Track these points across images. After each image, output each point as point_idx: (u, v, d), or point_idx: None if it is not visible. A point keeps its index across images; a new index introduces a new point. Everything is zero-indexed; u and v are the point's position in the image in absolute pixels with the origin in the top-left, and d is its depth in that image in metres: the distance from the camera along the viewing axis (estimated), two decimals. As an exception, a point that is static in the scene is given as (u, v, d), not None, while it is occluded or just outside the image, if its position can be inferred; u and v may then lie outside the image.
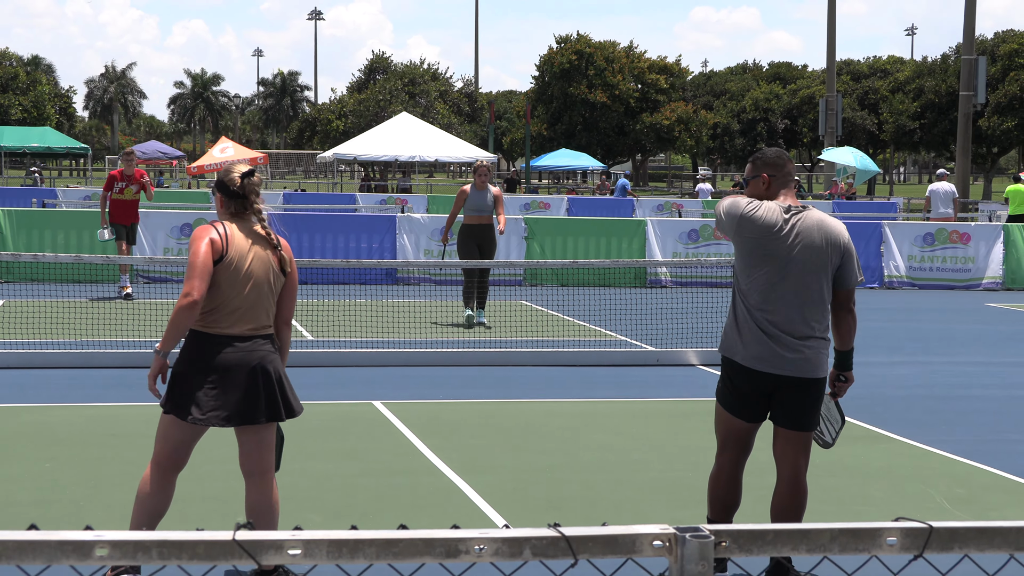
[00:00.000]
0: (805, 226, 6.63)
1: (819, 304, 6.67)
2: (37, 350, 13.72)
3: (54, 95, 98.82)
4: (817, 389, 6.70)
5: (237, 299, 6.28)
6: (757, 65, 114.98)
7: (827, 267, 6.65)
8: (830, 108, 59.74)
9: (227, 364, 6.21)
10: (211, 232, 6.34)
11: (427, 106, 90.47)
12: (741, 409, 6.74)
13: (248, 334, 6.30)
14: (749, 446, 6.88)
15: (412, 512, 7.98)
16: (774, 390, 6.66)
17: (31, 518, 7.48)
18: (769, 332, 6.59)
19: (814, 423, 6.76)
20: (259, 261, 6.39)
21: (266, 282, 6.39)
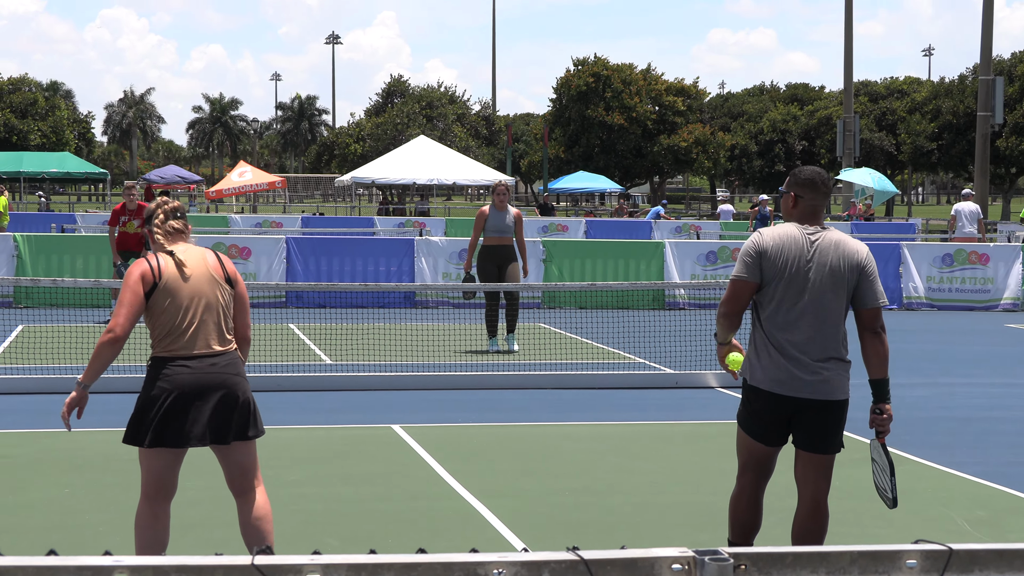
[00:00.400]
0: (822, 247, 6.61)
1: (837, 326, 6.65)
2: (55, 375, 13.75)
3: (73, 120, 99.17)
4: (838, 411, 6.66)
5: (184, 321, 6.40)
6: (774, 86, 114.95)
7: (844, 287, 6.60)
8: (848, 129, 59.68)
9: (188, 385, 6.32)
10: (142, 265, 6.47)
11: (445, 129, 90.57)
12: (762, 433, 6.73)
13: (204, 354, 6.40)
14: (770, 469, 6.87)
15: (431, 536, 7.96)
16: (794, 413, 6.64)
17: (49, 544, 7.48)
18: (787, 354, 6.57)
19: (835, 446, 6.72)
20: (200, 280, 6.48)
21: (213, 299, 6.49)
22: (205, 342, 6.43)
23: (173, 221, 6.63)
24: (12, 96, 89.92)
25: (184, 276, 6.46)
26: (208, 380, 6.36)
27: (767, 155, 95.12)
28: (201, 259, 6.56)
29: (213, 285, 6.52)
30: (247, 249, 22.97)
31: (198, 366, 6.38)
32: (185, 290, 6.43)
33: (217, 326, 6.49)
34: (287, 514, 8.35)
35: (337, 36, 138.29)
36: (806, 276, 6.55)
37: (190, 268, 6.49)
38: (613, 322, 19.41)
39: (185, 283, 6.44)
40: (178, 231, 6.63)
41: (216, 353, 6.45)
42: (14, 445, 10.67)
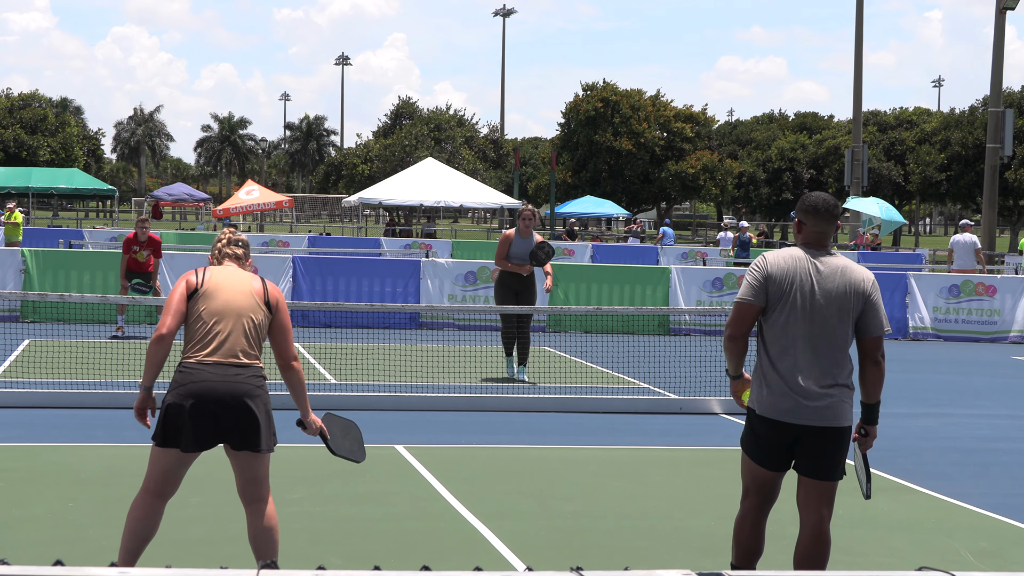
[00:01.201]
0: (827, 273, 6.65)
1: (841, 351, 6.68)
2: (61, 390, 13.77)
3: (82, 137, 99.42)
4: (840, 438, 6.68)
5: (213, 329, 6.68)
6: (783, 115, 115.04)
7: (849, 313, 6.63)
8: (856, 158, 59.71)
9: (202, 390, 6.55)
10: (190, 274, 6.88)
11: (452, 152, 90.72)
12: (764, 458, 6.76)
13: (227, 362, 6.63)
14: (774, 494, 6.88)
15: (434, 557, 7.96)
16: (797, 439, 6.66)
17: (54, 558, 7.48)
18: (790, 380, 6.61)
19: (838, 473, 6.74)
20: (237, 294, 6.81)
21: (246, 315, 6.76)
22: (229, 352, 6.67)
23: (234, 247, 7.13)
24: (22, 112, 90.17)
25: (223, 288, 6.80)
26: (226, 388, 6.57)
27: (775, 183, 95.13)
28: (246, 280, 6.92)
29: (249, 304, 6.81)
30: (253, 268, 22.97)
31: (219, 373, 6.60)
32: (220, 300, 6.75)
33: (244, 340, 6.73)
34: (291, 532, 8.35)
35: (347, 57, 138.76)
36: (810, 301, 6.59)
37: (231, 283, 6.84)
38: (618, 347, 19.42)
39: (222, 295, 6.77)
40: (235, 256, 7.10)
41: (239, 364, 6.67)
42: (19, 459, 10.68)
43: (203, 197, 76.45)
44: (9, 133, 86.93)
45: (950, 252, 29.92)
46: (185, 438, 6.57)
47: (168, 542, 7.98)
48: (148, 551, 7.17)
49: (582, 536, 8.73)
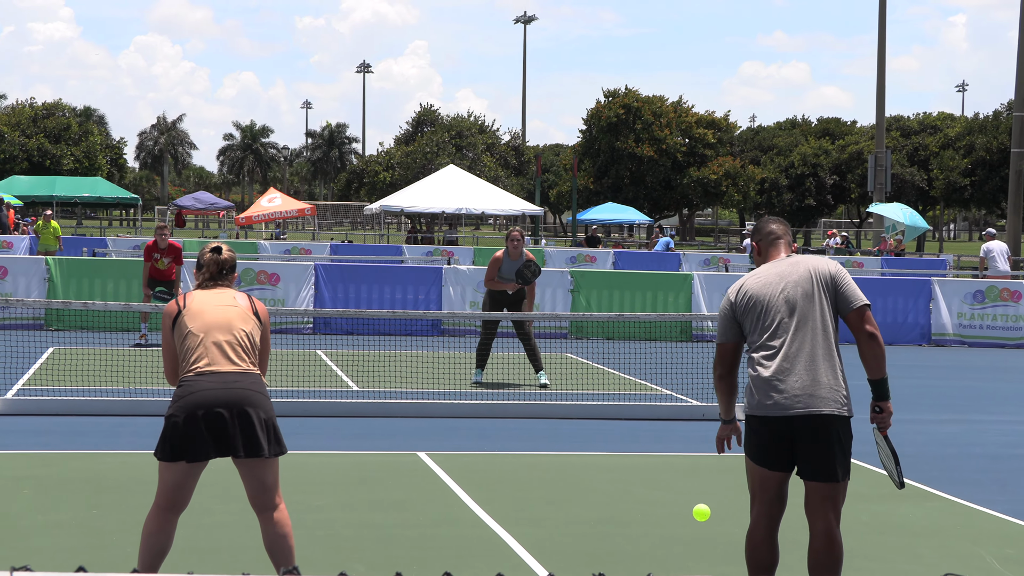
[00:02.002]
0: (787, 268, 6.84)
1: (820, 337, 6.72)
2: (85, 397, 13.82)
3: (105, 146, 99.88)
4: (831, 430, 6.63)
5: (204, 340, 6.75)
6: (806, 120, 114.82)
7: (822, 295, 6.76)
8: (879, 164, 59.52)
9: (201, 400, 6.59)
10: (169, 305, 7.00)
11: (474, 159, 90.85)
12: (763, 457, 6.78)
13: (223, 371, 6.67)
14: (780, 500, 6.85)
15: (456, 563, 7.96)
16: (791, 437, 6.66)
17: (77, 564, 7.50)
18: (775, 376, 6.67)
19: (838, 473, 6.69)
20: (220, 309, 6.89)
21: (236, 325, 6.84)
22: (225, 361, 6.71)
23: (222, 268, 7.13)
24: (46, 121, 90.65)
25: (208, 304, 6.87)
26: (224, 396, 6.59)
27: (797, 189, 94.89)
28: (229, 295, 7.00)
29: (236, 314, 6.89)
30: (276, 275, 23.05)
31: (217, 382, 6.63)
32: (207, 315, 6.82)
33: (238, 348, 6.78)
34: (313, 539, 8.36)
35: (368, 65, 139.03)
36: (780, 297, 6.75)
37: (215, 299, 6.92)
38: (640, 353, 19.39)
39: (208, 310, 6.84)
40: (218, 277, 7.12)
41: (236, 372, 6.68)
42: (44, 466, 10.71)
43: (226, 205, 76.64)
44: (33, 142, 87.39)
45: (982, 260, 29.79)
46: (189, 449, 6.57)
47: (191, 549, 8.00)
48: (171, 558, 7.19)
49: (604, 543, 8.71)
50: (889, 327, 24.11)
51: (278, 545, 6.75)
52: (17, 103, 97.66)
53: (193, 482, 6.72)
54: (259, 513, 6.80)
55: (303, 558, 7.77)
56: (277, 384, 15.22)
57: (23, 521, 8.77)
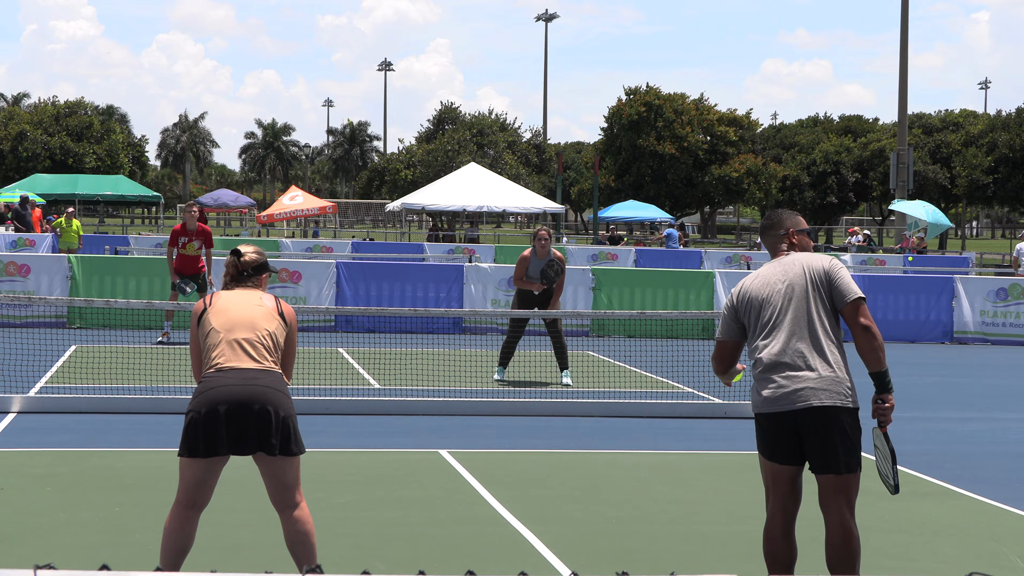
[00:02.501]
0: (785, 266, 6.94)
1: (818, 332, 6.78)
2: (107, 395, 13.86)
3: (127, 144, 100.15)
4: (834, 422, 6.65)
5: (225, 337, 6.76)
6: (828, 118, 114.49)
7: (817, 292, 6.83)
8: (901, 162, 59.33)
9: (221, 396, 6.58)
10: (198, 303, 7.03)
11: (495, 157, 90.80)
12: (772, 452, 6.84)
13: (243, 368, 6.67)
14: (794, 495, 6.90)
15: (478, 562, 7.95)
16: (797, 428, 6.71)
17: (101, 562, 7.52)
18: (774, 371, 6.74)
19: (845, 464, 6.68)
20: (245, 307, 6.90)
21: (259, 323, 6.84)
22: (246, 358, 6.71)
23: (249, 269, 7.15)
24: (68, 119, 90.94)
25: (233, 303, 6.90)
26: (244, 393, 6.58)
27: (819, 186, 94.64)
28: (256, 295, 7.02)
29: (260, 313, 6.89)
30: (297, 273, 23.08)
31: (237, 378, 6.63)
32: (231, 312, 6.84)
33: (260, 346, 6.78)
34: (335, 537, 8.36)
35: (389, 63, 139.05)
36: (776, 295, 6.85)
37: (241, 298, 6.94)
38: (662, 351, 19.36)
39: (233, 308, 6.86)
40: (239, 279, 7.15)
41: (255, 370, 6.68)
42: (66, 463, 10.75)
43: (248, 203, 76.81)
44: (56, 140, 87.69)
45: (1015, 260, 29.66)
46: (208, 444, 6.55)
47: (213, 547, 8.02)
48: (194, 556, 7.20)
49: (627, 540, 8.70)
50: (911, 325, 24.03)
51: (299, 543, 6.75)
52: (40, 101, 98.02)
53: (214, 479, 6.71)
54: (280, 511, 6.80)
55: (324, 556, 7.78)
56: (298, 382, 15.23)
57: (45, 519, 8.80)
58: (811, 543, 7.85)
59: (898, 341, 23.63)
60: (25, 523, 8.68)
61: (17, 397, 13.36)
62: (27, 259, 23.05)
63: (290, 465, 6.71)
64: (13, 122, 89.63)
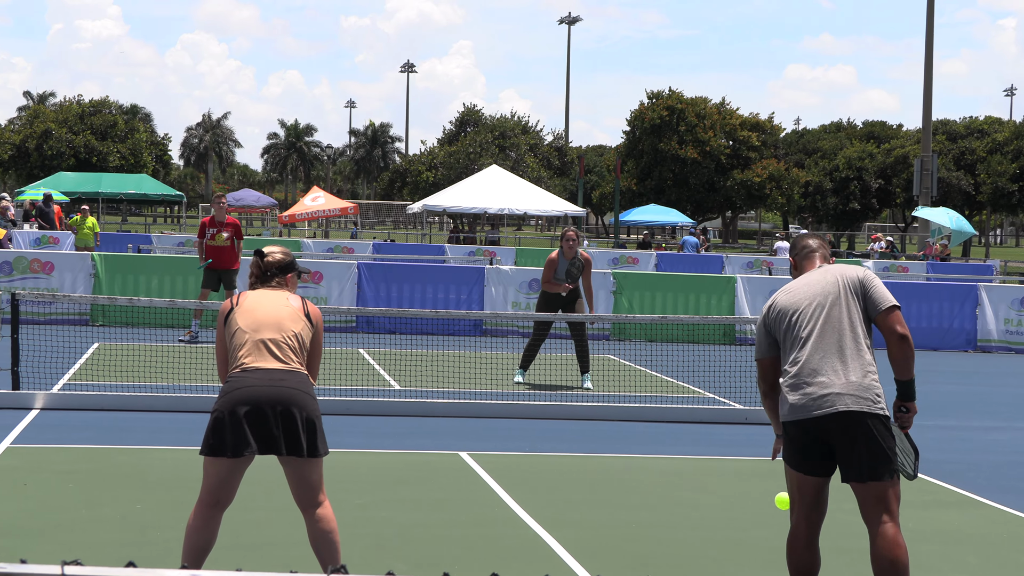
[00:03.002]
0: (817, 278, 6.92)
1: (849, 340, 6.73)
2: (129, 393, 13.90)
3: (151, 143, 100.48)
4: (865, 427, 6.57)
5: (251, 337, 6.76)
6: (851, 124, 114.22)
7: (849, 300, 6.79)
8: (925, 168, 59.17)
9: (246, 396, 6.58)
10: (225, 303, 7.05)
11: (517, 159, 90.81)
12: (799, 462, 6.78)
13: (269, 368, 6.68)
14: (819, 505, 6.85)
15: (498, 564, 7.95)
16: (824, 437, 6.65)
17: (123, 559, 7.55)
18: (802, 379, 6.68)
19: (879, 472, 6.61)
20: (271, 308, 6.90)
21: (285, 324, 6.84)
22: (271, 359, 6.72)
23: (273, 269, 7.15)
24: (93, 118, 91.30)
25: (260, 303, 6.90)
26: (269, 393, 6.58)
27: (842, 192, 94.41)
28: (283, 295, 7.02)
29: (287, 314, 6.89)
30: (319, 273, 23.12)
31: (263, 378, 6.63)
32: (257, 313, 6.84)
33: (285, 346, 6.78)
34: (355, 537, 8.37)
35: (412, 65, 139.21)
36: (808, 306, 6.82)
37: (268, 298, 6.95)
38: (682, 356, 19.33)
39: (258, 307, 6.87)
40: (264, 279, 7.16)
41: (281, 370, 6.69)
42: (89, 460, 10.78)
43: (270, 203, 76.98)
44: (80, 139, 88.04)
45: None
46: (232, 444, 6.55)
47: (237, 545, 8.03)
48: (217, 554, 7.21)
49: (647, 545, 8.69)
50: (934, 332, 23.95)
51: (323, 543, 6.76)
52: (65, 100, 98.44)
53: (237, 478, 6.72)
54: (304, 511, 6.81)
55: (344, 556, 7.78)
56: (319, 382, 15.25)
57: (68, 515, 8.83)
58: (835, 552, 7.83)
59: (921, 349, 23.50)
60: (47, 519, 8.71)
61: (40, 394, 13.41)
62: (51, 256, 23.14)
63: (315, 466, 6.72)
64: (38, 120, 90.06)
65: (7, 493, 9.45)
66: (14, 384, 13.61)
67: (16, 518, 8.71)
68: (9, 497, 9.33)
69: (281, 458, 6.70)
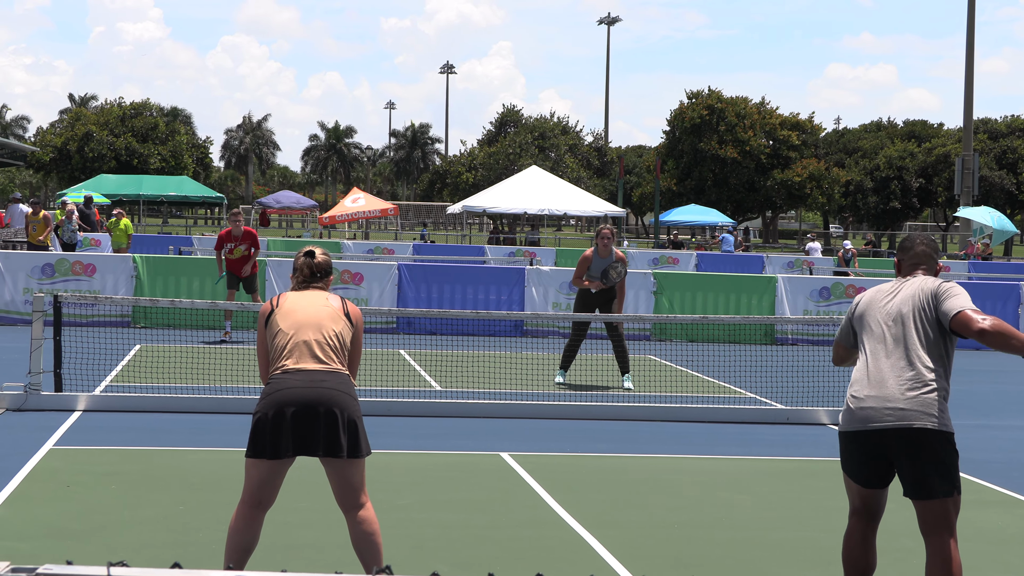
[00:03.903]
0: (905, 287, 6.85)
1: (915, 354, 6.62)
2: (171, 394, 13.97)
3: (192, 145, 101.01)
4: (928, 446, 6.47)
5: (292, 339, 6.82)
6: (891, 123, 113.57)
7: (922, 313, 6.66)
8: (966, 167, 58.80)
9: (287, 398, 6.63)
10: (266, 304, 7.10)
11: (556, 160, 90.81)
12: (856, 473, 6.78)
13: (309, 369, 6.73)
14: (877, 511, 6.85)
15: (541, 565, 7.94)
16: (887, 451, 6.59)
17: (166, 560, 7.59)
18: (862, 389, 6.65)
19: (938, 490, 6.51)
20: (312, 309, 6.96)
21: (325, 324, 6.90)
22: (312, 359, 6.76)
23: (315, 272, 7.20)
24: (134, 120, 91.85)
25: (300, 304, 6.96)
26: (310, 395, 6.63)
27: (882, 192, 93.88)
28: (322, 296, 7.07)
29: (327, 314, 6.94)
30: (359, 275, 23.18)
31: (304, 380, 6.68)
32: (297, 314, 6.90)
33: (327, 347, 6.82)
34: (397, 538, 8.38)
35: (452, 66, 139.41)
36: (882, 313, 6.78)
37: (307, 300, 7.00)
38: (724, 356, 19.28)
39: (300, 309, 6.93)
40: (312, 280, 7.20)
41: (322, 371, 6.73)
42: (131, 462, 10.84)
43: (310, 204, 77.23)
44: (121, 141, 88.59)
45: None
46: (273, 445, 6.61)
47: (279, 546, 8.06)
48: (260, 555, 7.24)
49: (688, 546, 8.66)
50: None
51: (365, 544, 6.77)
52: (106, 103, 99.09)
53: (279, 479, 6.74)
54: (345, 512, 6.83)
55: (386, 557, 7.79)
56: (360, 383, 15.30)
57: (110, 517, 8.87)
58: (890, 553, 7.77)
59: (963, 348, 23.37)
60: (91, 520, 8.76)
61: (83, 395, 13.50)
62: (93, 259, 23.29)
63: (356, 467, 6.74)
64: (80, 123, 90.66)
65: (51, 495, 9.52)
66: (57, 386, 13.70)
67: (60, 520, 8.77)
68: (53, 499, 9.40)
69: (323, 460, 6.72)
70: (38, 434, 11.86)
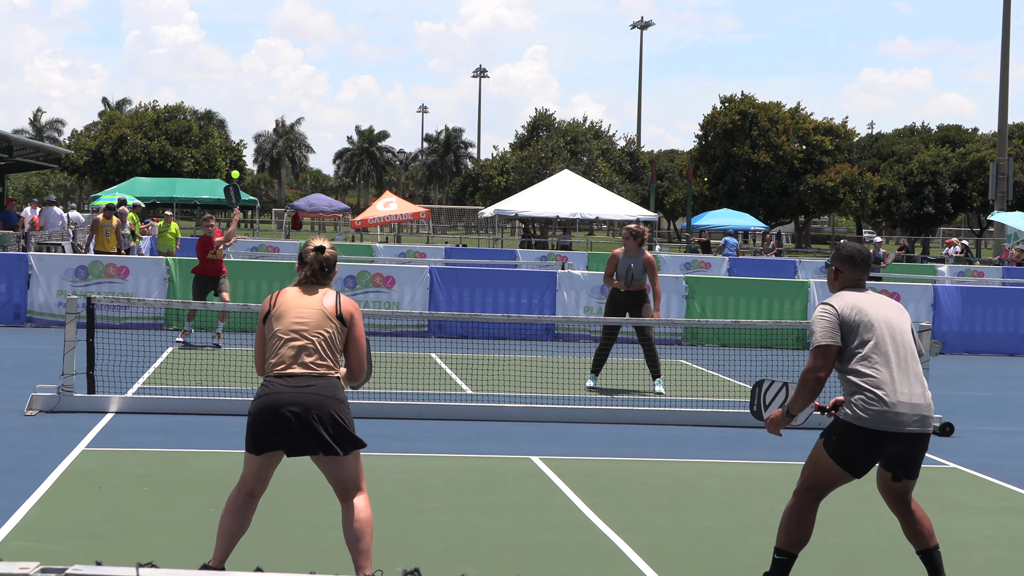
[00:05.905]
0: (879, 299, 7.35)
1: (920, 365, 7.31)
2: (203, 396, 14.00)
3: (225, 148, 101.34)
4: (925, 445, 7.23)
5: (284, 343, 7.02)
6: (925, 127, 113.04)
7: (910, 331, 7.29)
8: (1001, 172, 58.46)
9: (271, 402, 6.90)
10: (265, 302, 7.25)
11: (589, 164, 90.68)
12: (860, 466, 7.17)
13: (298, 373, 6.96)
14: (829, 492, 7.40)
15: (571, 569, 7.93)
16: (893, 448, 7.12)
17: (196, 562, 7.61)
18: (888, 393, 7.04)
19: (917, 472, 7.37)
20: (303, 311, 7.10)
21: (316, 329, 7.04)
22: (300, 364, 6.98)
23: (324, 267, 7.28)
24: (168, 124, 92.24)
25: (292, 307, 7.11)
26: (293, 399, 6.87)
27: (916, 197, 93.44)
28: (318, 297, 7.18)
29: (318, 317, 7.08)
30: (391, 278, 23.21)
31: (289, 385, 6.92)
32: (291, 316, 7.08)
33: (315, 352, 7.01)
34: (426, 541, 8.38)
35: (484, 70, 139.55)
36: (886, 325, 7.18)
37: (300, 301, 7.14)
38: (755, 361, 19.21)
39: (291, 312, 7.09)
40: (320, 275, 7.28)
41: (307, 375, 6.95)
42: (163, 464, 10.88)
43: (342, 208, 77.38)
44: (155, 144, 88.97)
45: None
46: (257, 443, 6.95)
47: (308, 549, 8.07)
48: (289, 558, 7.25)
49: (719, 551, 8.63)
50: (1010, 338, 23.63)
51: (352, 533, 6.96)
52: (140, 106, 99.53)
53: (268, 473, 7.08)
54: (342, 503, 7.10)
55: (416, 561, 7.80)
56: (391, 386, 15.31)
57: (142, 518, 8.91)
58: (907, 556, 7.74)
59: (995, 354, 23.25)
60: (122, 522, 8.79)
61: (115, 397, 13.56)
62: (126, 261, 23.39)
63: (345, 463, 6.97)
64: (114, 126, 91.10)
65: (82, 496, 9.56)
66: (89, 388, 13.77)
67: (91, 521, 8.81)
68: (84, 500, 9.44)
69: (314, 458, 6.98)
70: (71, 435, 11.92)
